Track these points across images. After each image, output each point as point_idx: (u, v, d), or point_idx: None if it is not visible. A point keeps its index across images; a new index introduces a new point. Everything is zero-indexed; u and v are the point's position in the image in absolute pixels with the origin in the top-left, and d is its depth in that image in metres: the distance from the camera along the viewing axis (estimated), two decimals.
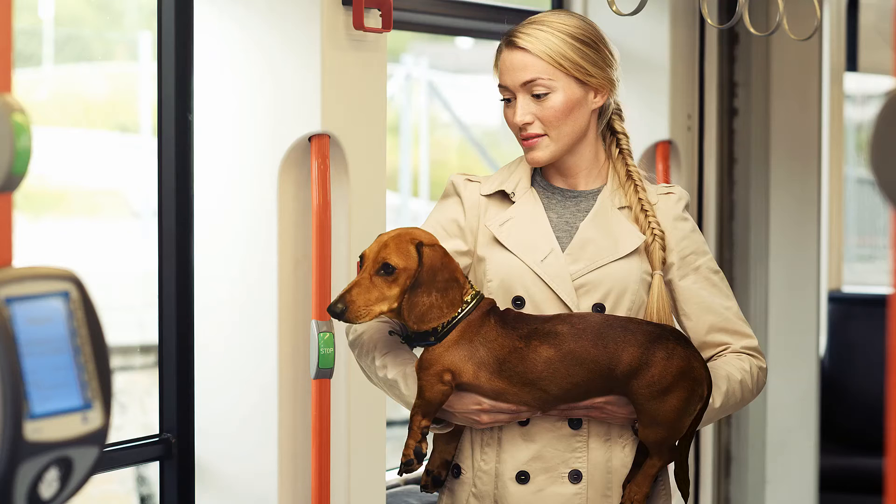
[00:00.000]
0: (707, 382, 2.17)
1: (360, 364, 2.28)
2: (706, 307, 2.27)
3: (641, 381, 2.13)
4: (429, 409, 2.14)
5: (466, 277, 2.19)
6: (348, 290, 2.11)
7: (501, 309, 2.20)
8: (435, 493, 2.36)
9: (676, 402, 2.14)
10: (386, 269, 2.11)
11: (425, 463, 2.26)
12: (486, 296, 2.22)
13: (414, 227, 2.18)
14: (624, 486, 2.23)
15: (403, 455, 2.16)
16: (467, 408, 2.17)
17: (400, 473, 2.19)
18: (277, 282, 2.72)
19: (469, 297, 2.16)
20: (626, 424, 2.23)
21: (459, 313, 2.14)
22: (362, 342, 2.26)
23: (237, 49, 2.75)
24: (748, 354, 2.28)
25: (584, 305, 2.23)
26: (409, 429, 2.15)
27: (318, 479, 2.68)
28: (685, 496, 2.27)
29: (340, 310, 2.10)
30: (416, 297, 2.12)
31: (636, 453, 2.25)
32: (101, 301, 1.43)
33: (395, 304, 2.12)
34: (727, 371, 2.24)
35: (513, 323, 2.16)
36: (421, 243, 2.14)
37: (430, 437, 2.22)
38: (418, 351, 2.21)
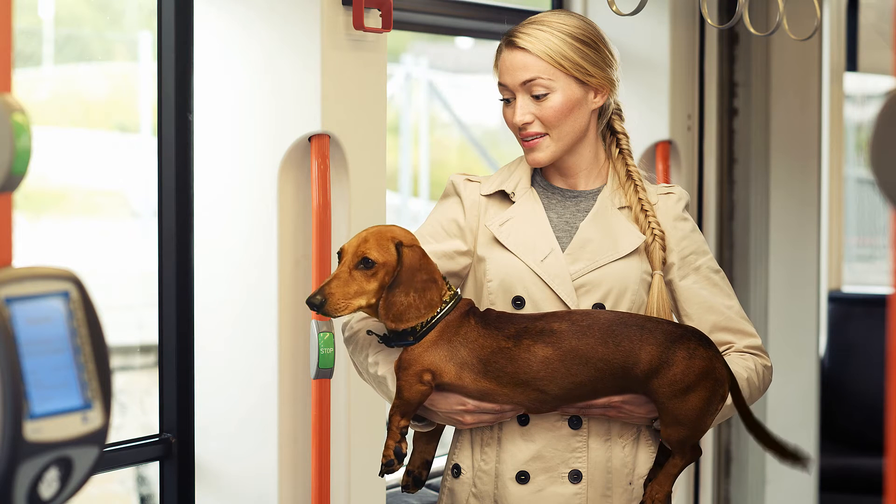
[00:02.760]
0: (728, 382, 2.17)
1: (353, 360, 2.28)
2: (707, 307, 2.27)
3: (663, 380, 2.13)
4: (407, 409, 2.15)
5: (444, 278, 2.19)
6: (327, 283, 2.11)
7: (492, 308, 2.20)
8: (435, 493, 2.36)
9: (698, 401, 2.14)
10: (365, 264, 2.11)
11: (406, 463, 2.25)
12: (464, 297, 2.23)
13: (393, 226, 2.18)
14: (645, 485, 2.23)
15: (384, 456, 2.16)
16: (451, 408, 2.17)
17: (381, 474, 2.18)
18: (277, 282, 2.72)
19: (447, 297, 2.16)
20: (644, 424, 2.23)
21: (438, 314, 2.14)
22: (357, 339, 2.26)
23: (237, 49, 2.75)
24: (752, 353, 2.28)
25: (583, 305, 2.22)
26: (388, 429, 2.15)
27: (318, 479, 2.68)
28: (794, 460, 2.24)
29: (319, 301, 2.10)
30: (394, 297, 2.11)
31: (658, 452, 2.25)
32: (101, 301, 1.43)
33: (374, 300, 2.12)
34: (734, 370, 2.24)
35: (496, 323, 2.16)
36: (401, 243, 2.14)
37: (409, 438, 2.22)
38: None
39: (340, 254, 2.14)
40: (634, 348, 2.13)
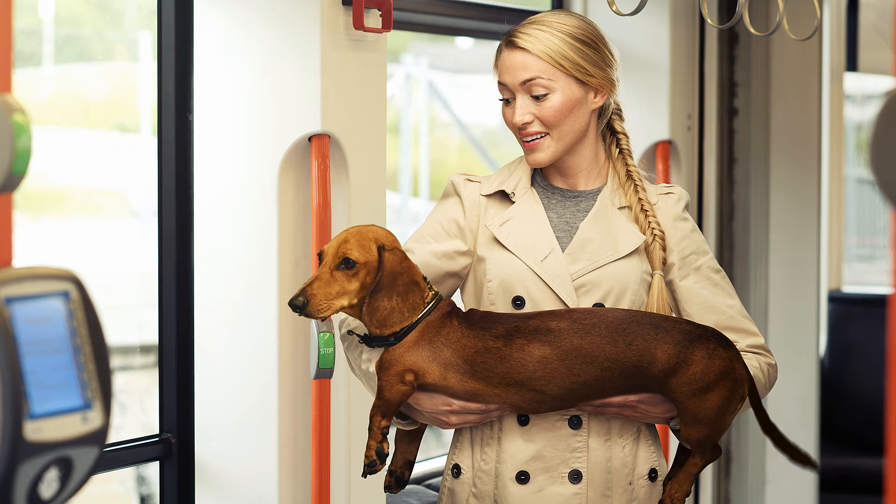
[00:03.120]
0: (748, 383, 2.18)
1: (347, 356, 2.29)
2: (709, 307, 2.27)
3: (681, 379, 2.12)
4: (388, 409, 2.14)
5: (426, 279, 2.18)
6: (309, 284, 2.10)
7: (476, 309, 2.20)
8: (435, 493, 2.36)
9: (717, 400, 2.13)
10: (346, 264, 2.11)
11: (388, 463, 2.25)
12: (464, 297, 2.24)
13: (373, 225, 2.18)
14: (664, 484, 2.23)
15: (366, 457, 2.15)
16: (436, 408, 2.17)
17: (364, 475, 2.18)
18: (277, 282, 2.72)
19: (429, 298, 2.15)
20: (661, 424, 2.23)
21: (420, 316, 2.14)
22: (353, 337, 2.27)
23: (237, 49, 2.75)
24: (755, 353, 2.28)
25: (584, 305, 2.22)
26: (370, 430, 2.15)
27: (318, 479, 2.68)
28: (812, 464, 2.26)
29: (302, 303, 2.09)
30: (377, 302, 2.11)
31: (678, 451, 2.25)
32: (101, 301, 1.43)
33: (356, 300, 2.12)
34: None
35: (481, 322, 2.15)
36: (382, 246, 2.13)
37: (392, 438, 2.21)
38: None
39: (321, 255, 2.14)
40: (649, 347, 2.12)
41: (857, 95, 6.89)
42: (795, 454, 2.25)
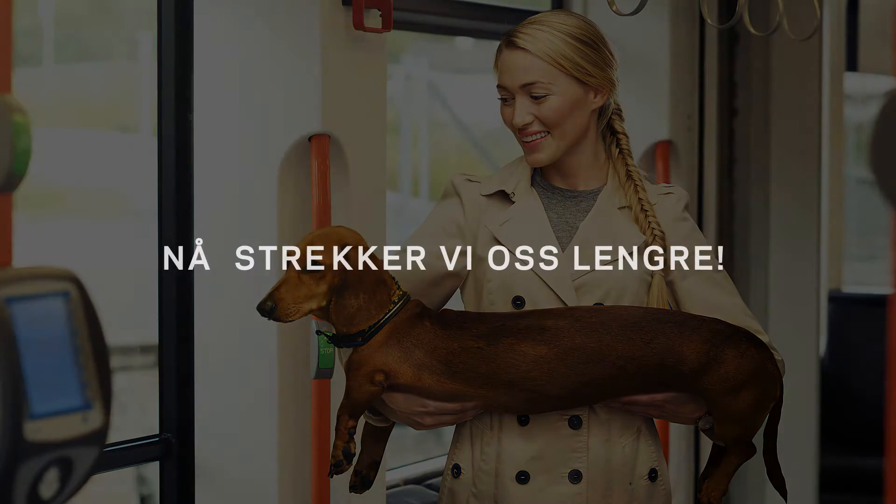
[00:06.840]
0: (780, 383, 2.19)
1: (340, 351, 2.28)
2: (711, 306, 2.26)
3: (713, 377, 2.11)
4: (355, 410, 2.13)
5: (393, 278, 2.17)
6: (276, 288, 2.08)
7: (450, 309, 2.19)
8: (435, 493, 2.36)
9: (750, 399, 2.14)
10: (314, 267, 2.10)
11: (354, 463, 2.24)
12: (463, 297, 2.23)
13: (339, 227, 2.18)
14: (701, 481, 2.24)
15: (332, 457, 2.14)
16: (412, 409, 2.16)
17: (330, 475, 2.17)
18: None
19: (396, 297, 2.14)
20: (688, 423, 2.23)
21: (386, 314, 2.13)
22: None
23: (237, 49, 2.75)
24: None
25: (584, 305, 2.22)
26: (336, 430, 2.14)
27: (318, 479, 2.68)
28: (784, 496, 2.31)
29: (270, 307, 2.08)
30: (344, 300, 2.10)
31: (713, 450, 2.25)
32: (101, 301, 1.43)
33: (324, 302, 2.10)
34: None
35: (458, 322, 2.14)
36: (347, 245, 2.12)
37: (358, 438, 2.21)
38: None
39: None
40: (674, 345, 2.10)
41: (857, 95, 6.89)
42: (778, 480, 2.28)
